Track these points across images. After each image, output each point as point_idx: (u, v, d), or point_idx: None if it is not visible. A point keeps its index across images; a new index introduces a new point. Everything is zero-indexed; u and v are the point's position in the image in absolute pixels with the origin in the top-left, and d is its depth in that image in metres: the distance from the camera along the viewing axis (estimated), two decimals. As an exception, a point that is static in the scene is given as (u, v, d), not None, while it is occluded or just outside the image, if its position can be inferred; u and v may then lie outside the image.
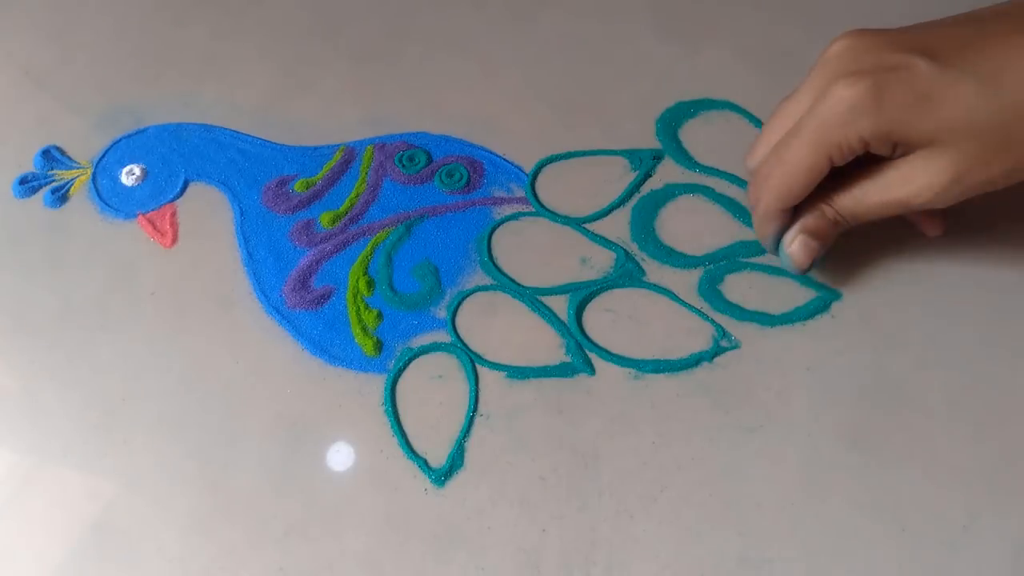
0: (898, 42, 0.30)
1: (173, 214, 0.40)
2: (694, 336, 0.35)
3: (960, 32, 0.30)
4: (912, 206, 0.30)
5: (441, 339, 0.36)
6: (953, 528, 0.31)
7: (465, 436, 0.34)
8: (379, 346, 0.36)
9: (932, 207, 0.30)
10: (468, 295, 0.37)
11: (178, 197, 0.41)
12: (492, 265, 0.38)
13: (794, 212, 0.33)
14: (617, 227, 0.39)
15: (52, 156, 0.42)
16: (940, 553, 0.31)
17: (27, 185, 0.41)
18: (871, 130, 0.29)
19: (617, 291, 0.37)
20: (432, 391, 0.35)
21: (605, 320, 0.36)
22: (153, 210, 0.40)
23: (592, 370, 0.35)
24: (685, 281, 0.37)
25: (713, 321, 0.36)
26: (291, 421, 0.34)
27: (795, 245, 0.33)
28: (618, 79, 0.44)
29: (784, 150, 0.31)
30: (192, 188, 0.41)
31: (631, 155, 0.41)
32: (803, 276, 0.36)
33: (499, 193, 0.40)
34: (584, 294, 0.37)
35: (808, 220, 0.33)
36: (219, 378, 0.35)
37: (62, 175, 0.42)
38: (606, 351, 0.35)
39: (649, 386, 0.34)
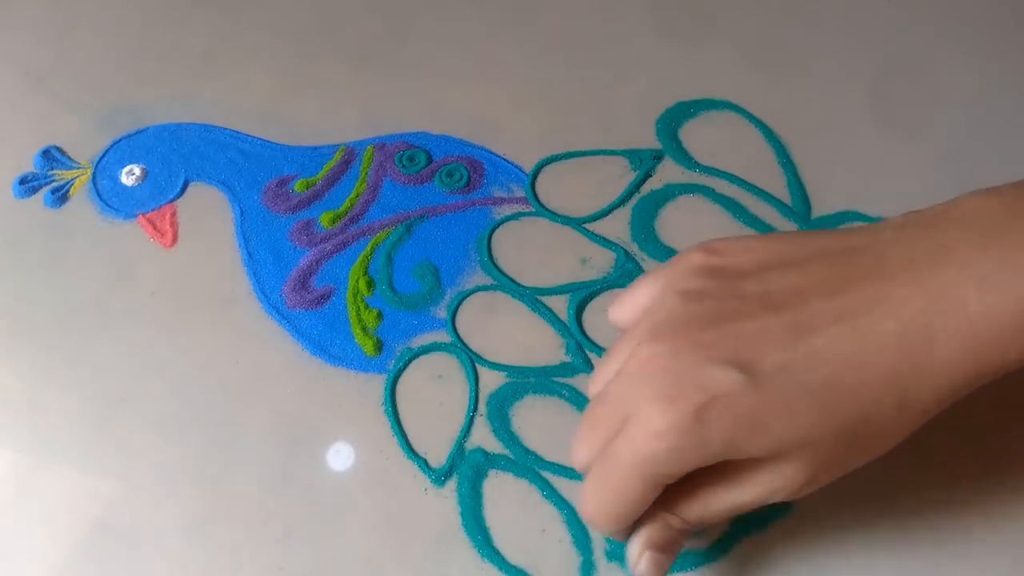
0: (711, 347, 0.26)
1: (173, 214, 0.40)
2: (694, 336, 0.35)
3: (786, 328, 0.26)
4: (767, 503, 0.27)
5: (441, 339, 0.36)
6: (953, 528, 0.31)
7: (465, 436, 0.34)
8: (379, 346, 0.36)
9: (791, 499, 0.27)
10: (468, 295, 0.37)
11: (178, 197, 0.41)
12: (492, 265, 0.38)
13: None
14: (617, 227, 0.39)
15: (52, 156, 0.42)
16: (941, 553, 0.31)
17: (27, 185, 0.41)
18: (697, 462, 0.25)
19: (617, 291, 0.37)
20: (432, 391, 0.35)
21: (605, 320, 0.36)
22: (153, 210, 0.40)
23: (592, 370, 0.35)
24: (685, 281, 0.37)
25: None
26: (291, 421, 0.34)
27: (643, 565, 0.28)
28: (618, 79, 0.44)
29: (607, 475, 0.26)
30: (192, 188, 0.41)
31: (631, 155, 0.41)
32: None
33: (499, 193, 0.40)
34: (584, 294, 0.37)
35: (653, 534, 0.28)
36: (219, 378, 0.35)
37: (62, 175, 0.42)
38: (606, 351, 0.35)
39: (649, 386, 0.34)
